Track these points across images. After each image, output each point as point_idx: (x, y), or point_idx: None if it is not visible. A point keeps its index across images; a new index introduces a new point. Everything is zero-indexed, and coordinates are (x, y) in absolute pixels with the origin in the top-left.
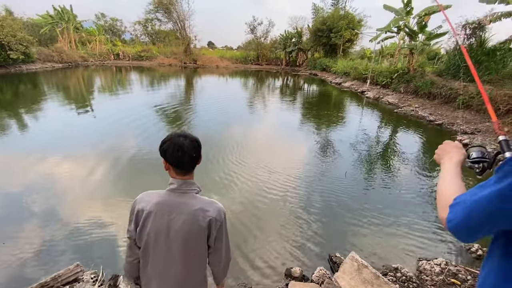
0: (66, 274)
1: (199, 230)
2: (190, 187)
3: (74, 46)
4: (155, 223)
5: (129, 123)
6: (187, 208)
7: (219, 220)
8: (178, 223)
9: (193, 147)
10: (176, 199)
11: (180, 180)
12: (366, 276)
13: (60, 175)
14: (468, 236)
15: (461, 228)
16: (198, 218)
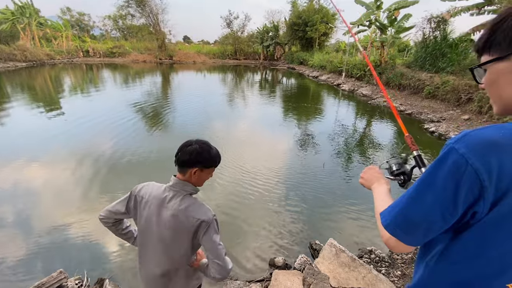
0: (49, 281)
1: (184, 229)
2: (183, 187)
3: (38, 43)
4: (148, 212)
5: (104, 124)
6: (175, 205)
7: (206, 221)
8: (166, 218)
9: (190, 153)
10: (169, 195)
11: (177, 179)
12: (344, 260)
13: (32, 181)
14: (409, 234)
15: (400, 224)
16: (184, 217)
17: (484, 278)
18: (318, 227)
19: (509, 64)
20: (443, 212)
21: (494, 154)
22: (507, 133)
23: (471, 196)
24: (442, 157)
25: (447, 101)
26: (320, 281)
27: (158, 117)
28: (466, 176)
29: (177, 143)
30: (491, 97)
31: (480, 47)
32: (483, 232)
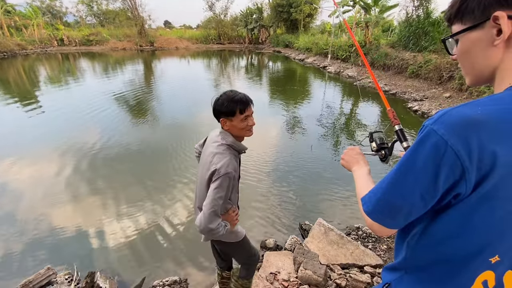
0: (37, 279)
1: (206, 170)
2: (222, 135)
3: (8, 33)
4: (203, 151)
5: (84, 116)
6: (210, 148)
7: (219, 171)
8: (203, 158)
9: (217, 103)
10: (213, 138)
11: (221, 129)
12: (332, 238)
13: (12, 176)
14: (391, 218)
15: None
16: (208, 161)
17: (466, 256)
18: (307, 208)
19: (482, 33)
20: (423, 195)
21: (473, 134)
22: (485, 110)
23: (451, 178)
24: (421, 140)
25: (430, 79)
26: (310, 259)
27: (142, 106)
28: (446, 157)
29: (162, 133)
30: (463, 68)
31: (451, 15)
32: (465, 211)
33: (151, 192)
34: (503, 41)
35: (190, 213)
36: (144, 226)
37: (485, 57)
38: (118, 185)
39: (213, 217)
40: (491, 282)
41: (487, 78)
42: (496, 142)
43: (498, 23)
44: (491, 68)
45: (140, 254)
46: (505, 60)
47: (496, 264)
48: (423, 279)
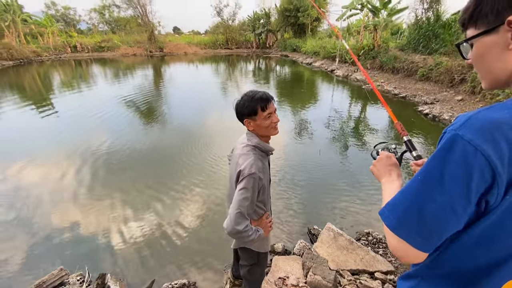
0: (50, 279)
1: (234, 172)
2: (248, 137)
3: (24, 41)
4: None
5: (96, 119)
6: (237, 151)
7: (243, 172)
8: (231, 161)
9: (235, 107)
10: (241, 140)
11: (247, 131)
12: (342, 243)
13: (27, 180)
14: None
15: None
16: (235, 162)
17: (492, 264)
18: (315, 212)
19: (497, 37)
20: (455, 209)
21: (503, 137)
22: (510, 111)
23: (483, 186)
24: (445, 146)
25: (441, 82)
26: (319, 264)
27: (152, 111)
28: (476, 164)
29: (172, 137)
30: (479, 72)
31: (465, 20)
32: (495, 219)
33: (159, 196)
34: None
35: (198, 218)
36: (153, 230)
37: (501, 61)
38: (127, 188)
39: (239, 218)
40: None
41: (504, 81)
42: None
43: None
44: (508, 72)
45: (149, 257)
46: None
47: None
48: (441, 286)
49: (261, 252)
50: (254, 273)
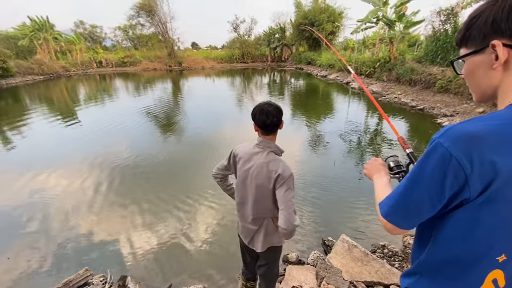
0: (76, 278)
1: (265, 179)
2: (268, 144)
3: (54, 57)
4: (242, 166)
5: (119, 130)
6: (259, 160)
7: (283, 176)
8: (253, 171)
9: (276, 113)
10: (255, 151)
11: (262, 138)
12: (356, 255)
13: (55, 188)
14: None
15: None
16: (265, 170)
17: (475, 255)
18: (330, 224)
19: (483, 57)
20: (431, 199)
21: (474, 146)
22: (485, 125)
23: (456, 185)
24: (429, 151)
25: (460, 94)
26: (333, 274)
27: (170, 122)
28: (451, 167)
29: (189, 148)
30: (470, 87)
31: (458, 41)
32: (472, 214)
33: (177, 205)
34: (500, 65)
35: (215, 226)
36: (170, 238)
37: (487, 78)
38: (147, 197)
39: (295, 215)
40: (501, 281)
41: (490, 95)
42: (495, 153)
43: (495, 49)
44: (492, 88)
45: (167, 263)
46: (504, 81)
47: (504, 263)
48: (437, 280)
49: (281, 245)
50: (274, 269)
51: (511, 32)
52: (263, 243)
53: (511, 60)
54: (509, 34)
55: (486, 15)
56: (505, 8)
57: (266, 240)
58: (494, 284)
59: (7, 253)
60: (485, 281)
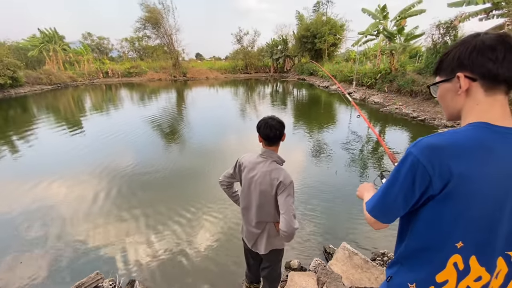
0: (88, 282)
1: (268, 186)
2: (270, 155)
3: (62, 67)
4: (247, 174)
5: (123, 140)
6: (263, 168)
7: (284, 183)
8: (257, 178)
9: (278, 127)
10: (259, 160)
11: (265, 149)
12: (357, 262)
13: (64, 196)
14: (384, 215)
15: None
16: (268, 178)
17: (439, 242)
18: (331, 232)
19: (451, 85)
20: (405, 197)
21: (435, 154)
22: (445, 139)
23: (423, 185)
24: (403, 159)
25: None
26: (333, 280)
27: (174, 132)
28: (419, 170)
29: (192, 158)
30: (442, 108)
31: (434, 70)
32: (435, 207)
33: (182, 214)
34: (463, 92)
35: (218, 234)
36: (176, 243)
37: (453, 102)
38: (156, 204)
39: (295, 219)
40: (460, 264)
41: (456, 116)
42: (450, 160)
43: (459, 80)
44: (457, 110)
45: (173, 269)
46: (466, 105)
47: (461, 248)
48: (413, 267)
49: (283, 248)
50: (276, 270)
51: (471, 67)
52: (265, 245)
53: (472, 89)
54: (470, 68)
55: (454, 52)
56: (468, 49)
57: (268, 242)
58: (454, 266)
59: (20, 258)
60: (447, 265)
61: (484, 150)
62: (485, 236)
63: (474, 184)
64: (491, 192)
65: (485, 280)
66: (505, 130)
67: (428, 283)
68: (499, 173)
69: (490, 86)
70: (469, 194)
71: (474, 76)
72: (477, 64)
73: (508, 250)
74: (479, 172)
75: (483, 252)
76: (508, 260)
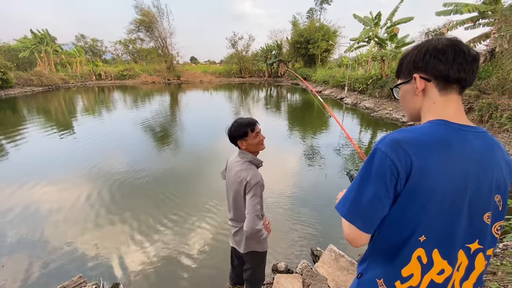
0: (70, 285)
1: (238, 185)
2: (244, 155)
3: (54, 69)
4: (228, 173)
5: (115, 143)
6: (236, 168)
7: (250, 183)
8: (231, 177)
9: (233, 129)
10: (236, 160)
11: (239, 150)
12: (343, 264)
13: (47, 199)
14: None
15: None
16: (237, 177)
17: (405, 236)
18: (319, 234)
19: (410, 86)
20: (379, 195)
21: (400, 148)
22: (407, 134)
23: (393, 179)
24: (372, 155)
25: None
26: (318, 282)
27: (166, 134)
28: (387, 164)
29: (185, 161)
30: (404, 109)
31: (396, 73)
32: (400, 202)
33: (170, 218)
34: (420, 92)
35: (207, 239)
36: (163, 248)
37: (412, 102)
38: (141, 208)
39: (257, 220)
40: (424, 258)
41: (416, 116)
42: (412, 153)
43: (416, 81)
44: (417, 110)
45: (158, 273)
46: (424, 105)
47: (424, 242)
48: (380, 263)
49: (265, 251)
50: (258, 273)
51: (425, 68)
52: (244, 245)
53: (427, 89)
54: (424, 70)
55: (410, 56)
56: (421, 52)
57: (247, 243)
58: (418, 260)
59: (1, 261)
60: (412, 258)
61: (443, 146)
62: (446, 229)
63: (433, 178)
64: (450, 186)
65: (447, 273)
66: (461, 127)
67: (394, 277)
68: (457, 168)
69: (443, 86)
70: (430, 189)
71: (428, 77)
72: (430, 65)
73: (468, 243)
74: (438, 166)
75: (445, 245)
76: (468, 253)
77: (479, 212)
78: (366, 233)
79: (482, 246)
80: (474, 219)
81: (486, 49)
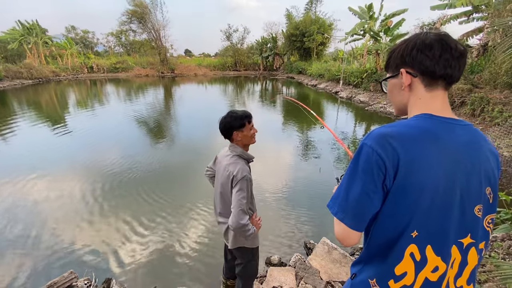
0: (61, 281)
1: (226, 179)
2: (234, 149)
3: (44, 61)
4: (217, 166)
5: (109, 138)
6: (225, 161)
7: (236, 177)
8: (220, 170)
9: (224, 123)
10: (226, 154)
11: (230, 143)
12: (335, 257)
13: (39, 194)
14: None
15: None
16: (226, 171)
17: (397, 233)
18: (313, 228)
19: (397, 80)
20: (367, 190)
21: (387, 142)
22: (394, 129)
23: (381, 174)
24: (359, 151)
25: None
26: (311, 274)
27: (160, 128)
28: (374, 159)
29: (180, 156)
30: (391, 102)
31: (384, 67)
32: (391, 198)
33: (164, 210)
34: (406, 87)
35: (201, 232)
36: (155, 243)
37: (399, 96)
38: (134, 203)
39: (242, 214)
40: (417, 255)
41: (403, 110)
42: (399, 147)
43: (402, 75)
44: (404, 104)
45: (151, 267)
46: (410, 100)
47: (417, 238)
48: (373, 263)
49: (255, 248)
50: (249, 269)
51: (412, 64)
52: (232, 241)
53: (413, 84)
54: (411, 65)
55: (398, 50)
56: (408, 47)
57: (234, 239)
58: (411, 257)
59: None
60: (405, 256)
61: (431, 138)
62: (438, 224)
63: (423, 171)
64: (440, 178)
65: (441, 270)
66: (447, 120)
67: (387, 276)
68: (446, 159)
69: (429, 82)
70: (420, 183)
71: (414, 72)
72: (417, 61)
73: (460, 238)
74: (427, 158)
75: (438, 240)
76: (461, 248)
77: (470, 205)
78: (357, 231)
79: (474, 240)
80: (466, 212)
81: (479, 43)
